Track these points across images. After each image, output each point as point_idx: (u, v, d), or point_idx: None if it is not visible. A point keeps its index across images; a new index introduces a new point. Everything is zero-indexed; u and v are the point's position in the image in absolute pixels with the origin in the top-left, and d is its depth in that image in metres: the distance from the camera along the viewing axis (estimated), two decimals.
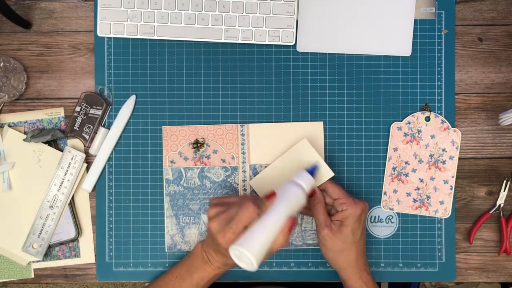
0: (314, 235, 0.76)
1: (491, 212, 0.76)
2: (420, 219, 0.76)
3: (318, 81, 0.76)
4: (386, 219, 0.76)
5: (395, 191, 0.76)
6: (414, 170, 0.75)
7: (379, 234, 0.76)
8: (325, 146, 0.76)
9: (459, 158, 0.76)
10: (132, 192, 0.76)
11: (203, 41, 0.76)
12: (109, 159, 0.76)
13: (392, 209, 0.76)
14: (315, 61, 0.76)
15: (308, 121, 0.76)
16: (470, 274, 0.77)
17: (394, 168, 0.75)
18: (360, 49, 0.76)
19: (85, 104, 0.75)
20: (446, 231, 0.76)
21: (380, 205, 0.76)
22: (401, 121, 0.75)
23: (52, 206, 0.75)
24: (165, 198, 0.76)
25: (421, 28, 0.76)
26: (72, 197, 0.76)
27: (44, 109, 0.77)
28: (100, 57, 0.76)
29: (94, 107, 0.75)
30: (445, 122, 0.75)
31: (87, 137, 0.75)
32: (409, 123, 0.75)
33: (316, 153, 0.72)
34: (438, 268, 0.76)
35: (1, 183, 0.76)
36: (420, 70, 0.76)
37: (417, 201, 0.75)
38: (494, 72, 0.76)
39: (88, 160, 0.76)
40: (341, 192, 0.69)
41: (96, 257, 0.76)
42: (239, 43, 0.76)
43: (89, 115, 0.75)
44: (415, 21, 0.76)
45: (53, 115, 0.77)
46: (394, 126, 0.75)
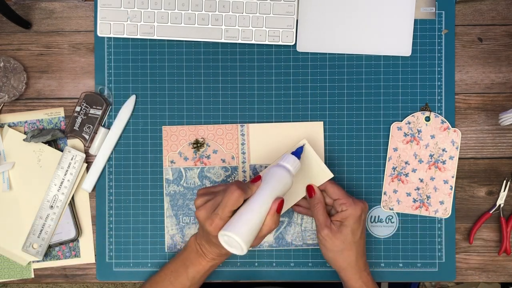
0: (314, 235, 0.76)
1: (491, 212, 0.76)
2: (420, 219, 0.76)
3: (318, 81, 0.76)
4: (386, 219, 0.76)
5: (395, 191, 0.75)
6: (414, 170, 0.75)
7: (379, 234, 0.76)
8: (325, 146, 0.76)
9: (459, 158, 0.76)
10: (132, 192, 0.76)
11: (203, 41, 0.76)
12: (109, 159, 0.76)
13: (392, 209, 0.76)
14: (315, 61, 0.76)
15: (308, 121, 0.76)
16: (470, 274, 0.77)
17: (394, 168, 0.75)
18: (360, 49, 0.76)
19: (85, 104, 0.75)
20: (446, 231, 0.76)
21: (380, 205, 0.76)
22: (401, 121, 0.75)
23: (52, 206, 0.75)
24: (165, 198, 0.76)
25: (421, 28, 0.76)
26: (72, 197, 0.76)
27: (44, 109, 0.77)
28: (100, 57, 0.76)
29: (94, 107, 0.75)
30: (445, 122, 0.75)
31: (87, 137, 0.75)
32: (409, 123, 0.75)
33: (316, 155, 0.71)
34: (438, 268, 0.76)
35: (1, 183, 0.76)
36: (420, 70, 0.76)
37: (417, 201, 0.75)
38: (494, 72, 0.76)
39: (88, 160, 0.76)
40: (341, 192, 0.69)
41: (96, 257, 0.76)
42: (239, 43, 0.76)
43: (89, 115, 0.75)
44: (415, 21, 0.76)
45: (53, 115, 0.77)
46: (394, 126, 0.75)
